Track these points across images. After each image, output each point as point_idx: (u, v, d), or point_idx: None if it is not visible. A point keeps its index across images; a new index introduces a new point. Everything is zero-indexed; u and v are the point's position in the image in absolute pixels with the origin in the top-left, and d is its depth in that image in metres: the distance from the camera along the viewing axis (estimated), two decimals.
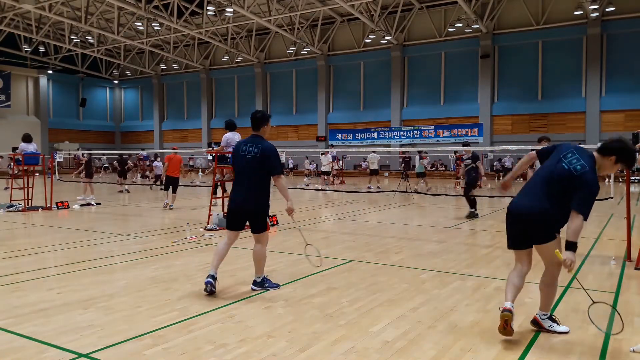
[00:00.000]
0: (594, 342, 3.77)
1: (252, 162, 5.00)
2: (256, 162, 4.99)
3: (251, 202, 5.02)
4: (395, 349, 3.61)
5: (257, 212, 5.07)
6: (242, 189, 5.07)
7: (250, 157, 5.01)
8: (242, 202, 5.06)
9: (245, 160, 5.04)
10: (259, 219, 5.09)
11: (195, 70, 43.92)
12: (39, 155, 13.82)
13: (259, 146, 5.02)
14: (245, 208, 5.06)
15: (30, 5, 28.44)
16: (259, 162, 4.98)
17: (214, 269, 5.03)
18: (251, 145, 5.06)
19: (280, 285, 5.34)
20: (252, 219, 5.09)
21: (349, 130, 36.68)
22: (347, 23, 35.92)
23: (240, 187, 5.09)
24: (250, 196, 5.03)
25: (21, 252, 7.44)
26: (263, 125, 5.15)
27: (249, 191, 5.03)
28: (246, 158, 5.03)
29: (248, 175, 5.03)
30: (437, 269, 6.19)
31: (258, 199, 5.05)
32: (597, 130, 28.65)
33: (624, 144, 3.68)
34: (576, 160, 3.64)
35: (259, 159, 4.98)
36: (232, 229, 5.14)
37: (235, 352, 3.56)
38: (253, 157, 5.00)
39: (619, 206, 13.55)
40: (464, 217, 11.51)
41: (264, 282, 5.22)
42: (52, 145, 41.81)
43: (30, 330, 4.01)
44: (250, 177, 5.03)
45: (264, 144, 5.04)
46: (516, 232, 3.92)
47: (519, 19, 30.85)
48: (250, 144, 5.08)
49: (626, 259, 6.56)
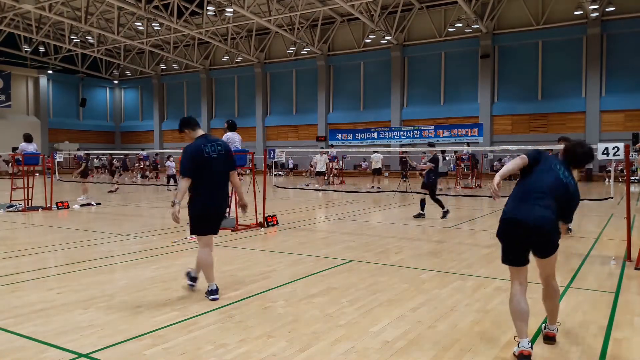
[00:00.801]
0: (594, 342, 3.77)
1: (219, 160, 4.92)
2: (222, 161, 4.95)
3: (226, 201, 5.16)
4: (395, 349, 3.61)
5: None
6: (221, 192, 5.03)
7: (216, 156, 4.86)
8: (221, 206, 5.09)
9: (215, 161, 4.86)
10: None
11: (195, 70, 43.92)
12: (39, 155, 13.82)
13: (220, 144, 4.97)
14: (223, 210, 5.13)
15: (30, 5, 28.44)
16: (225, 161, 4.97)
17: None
18: (212, 144, 4.90)
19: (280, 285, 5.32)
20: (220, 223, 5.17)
21: (349, 130, 36.68)
22: (347, 23, 35.92)
23: (219, 190, 4.99)
24: (225, 196, 5.13)
25: (21, 252, 7.44)
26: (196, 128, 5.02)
27: (223, 192, 5.08)
28: (213, 157, 4.84)
29: (224, 177, 4.99)
30: (437, 269, 6.19)
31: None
32: (597, 130, 28.65)
33: (568, 146, 3.68)
34: (568, 173, 3.56)
35: (224, 157, 4.93)
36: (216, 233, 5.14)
37: (235, 352, 3.56)
38: (219, 155, 4.88)
39: (619, 206, 13.55)
40: (440, 217, 11.11)
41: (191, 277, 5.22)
42: (52, 145, 41.82)
43: (30, 330, 4.01)
44: (224, 178, 5.01)
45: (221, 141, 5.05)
46: (521, 245, 3.46)
47: (519, 19, 30.85)
48: (211, 143, 4.90)
49: (626, 259, 6.56)
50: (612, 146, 6.77)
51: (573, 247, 7.75)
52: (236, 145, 9.76)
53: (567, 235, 8.60)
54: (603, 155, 6.85)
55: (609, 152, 6.79)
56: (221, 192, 4.95)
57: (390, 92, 35.14)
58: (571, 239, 8.46)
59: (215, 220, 4.96)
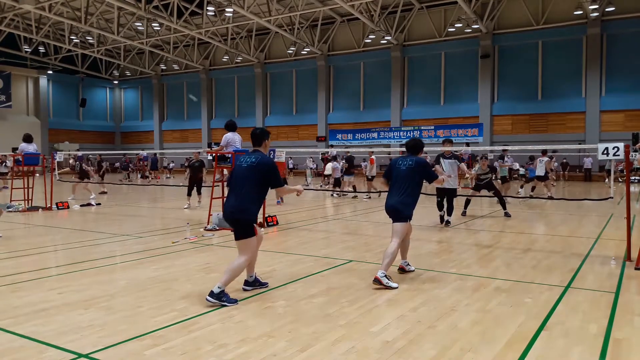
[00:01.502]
0: (594, 342, 3.77)
1: (247, 171, 4.86)
2: (251, 171, 4.84)
3: (241, 211, 4.83)
4: (395, 349, 3.61)
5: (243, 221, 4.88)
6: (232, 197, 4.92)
7: (246, 167, 4.87)
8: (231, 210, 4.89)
9: (240, 170, 4.91)
10: (243, 227, 4.87)
11: (195, 70, 43.92)
12: (39, 155, 13.82)
13: (257, 157, 4.91)
14: (233, 216, 4.88)
15: (30, 5, 28.44)
16: (255, 172, 4.84)
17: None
18: (249, 156, 4.97)
19: (271, 287, 5.32)
20: (237, 227, 4.90)
21: (349, 130, 36.69)
22: (347, 23, 35.93)
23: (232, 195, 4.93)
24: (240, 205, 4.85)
25: (21, 252, 7.44)
26: (264, 140, 5.07)
27: (239, 199, 4.85)
28: (242, 168, 4.90)
29: (241, 184, 4.87)
30: (437, 269, 6.20)
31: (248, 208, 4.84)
32: (597, 130, 28.65)
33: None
34: (409, 160, 5.76)
35: (255, 168, 4.83)
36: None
37: (235, 352, 3.56)
38: (249, 166, 4.85)
39: (619, 206, 13.55)
40: None
41: (221, 295, 4.70)
42: (52, 145, 41.81)
43: (30, 330, 4.01)
44: (243, 186, 4.85)
45: (264, 155, 4.97)
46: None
47: (519, 19, 30.85)
48: (249, 155, 4.98)
49: (626, 259, 6.55)
50: (612, 146, 6.77)
51: (573, 247, 7.75)
52: (236, 146, 9.76)
53: (564, 235, 8.58)
54: (603, 155, 6.84)
55: (609, 152, 6.78)
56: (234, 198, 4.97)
57: (390, 92, 35.15)
58: (571, 239, 8.46)
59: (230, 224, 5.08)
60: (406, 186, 5.61)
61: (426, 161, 5.73)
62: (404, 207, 5.58)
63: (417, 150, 5.87)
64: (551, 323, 4.16)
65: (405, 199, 5.60)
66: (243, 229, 4.82)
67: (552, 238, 8.74)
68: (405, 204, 5.59)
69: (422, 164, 5.69)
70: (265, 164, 4.84)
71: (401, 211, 5.58)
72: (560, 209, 13.55)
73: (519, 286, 5.37)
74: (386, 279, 5.25)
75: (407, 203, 5.60)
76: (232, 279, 4.76)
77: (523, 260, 6.74)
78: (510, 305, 4.65)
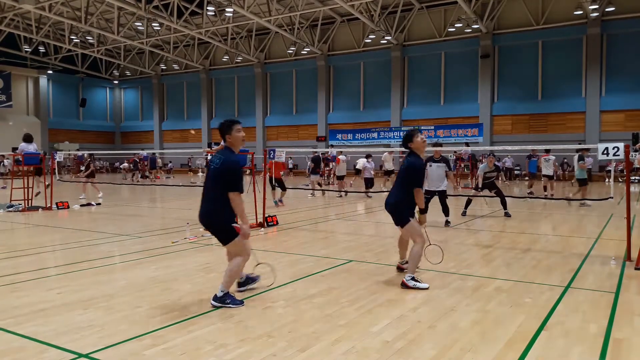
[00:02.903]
0: (594, 342, 3.77)
1: (213, 173, 4.66)
2: (216, 174, 4.63)
3: (211, 215, 4.68)
4: (395, 349, 3.61)
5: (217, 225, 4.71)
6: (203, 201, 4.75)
7: (212, 169, 4.67)
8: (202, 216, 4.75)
9: (209, 172, 4.73)
10: (221, 232, 4.71)
11: (195, 70, 43.90)
12: (39, 155, 13.82)
13: (222, 158, 4.68)
14: (205, 222, 4.75)
15: (30, 5, 28.43)
16: (219, 174, 4.62)
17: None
18: (216, 156, 4.79)
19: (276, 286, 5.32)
20: (215, 233, 4.77)
21: (349, 130, 36.67)
22: (347, 23, 35.91)
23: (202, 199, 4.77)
24: (209, 209, 4.69)
25: (21, 252, 7.44)
26: (225, 135, 4.76)
27: (207, 204, 4.69)
28: (210, 170, 4.71)
29: (210, 187, 4.68)
30: (437, 269, 6.19)
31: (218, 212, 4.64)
32: (597, 130, 28.64)
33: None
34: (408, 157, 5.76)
35: (218, 170, 4.63)
36: None
37: (235, 352, 3.56)
38: (214, 168, 4.66)
39: (619, 206, 13.55)
40: None
41: (225, 298, 4.64)
42: (52, 145, 41.80)
43: (30, 330, 4.01)
44: (211, 189, 4.67)
45: (228, 156, 4.68)
46: None
47: (519, 19, 30.84)
48: (215, 156, 4.81)
49: (626, 259, 6.55)
50: (612, 146, 6.76)
51: (573, 247, 7.75)
52: None
53: (564, 235, 8.59)
54: (603, 155, 6.84)
55: (609, 152, 6.78)
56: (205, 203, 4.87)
57: (390, 92, 35.13)
58: (571, 239, 8.46)
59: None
60: (398, 185, 5.70)
61: (417, 166, 5.54)
62: (394, 209, 5.65)
63: (405, 141, 5.77)
64: (551, 323, 4.16)
65: (395, 199, 5.65)
66: (222, 234, 4.66)
67: (552, 238, 8.74)
68: (395, 205, 5.63)
69: (411, 167, 5.54)
70: (227, 165, 4.58)
71: (393, 214, 5.68)
72: (561, 209, 13.56)
73: (519, 286, 5.37)
74: (412, 281, 5.27)
75: (398, 203, 5.60)
76: (233, 280, 4.75)
77: (523, 260, 6.74)
78: (510, 305, 4.65)
